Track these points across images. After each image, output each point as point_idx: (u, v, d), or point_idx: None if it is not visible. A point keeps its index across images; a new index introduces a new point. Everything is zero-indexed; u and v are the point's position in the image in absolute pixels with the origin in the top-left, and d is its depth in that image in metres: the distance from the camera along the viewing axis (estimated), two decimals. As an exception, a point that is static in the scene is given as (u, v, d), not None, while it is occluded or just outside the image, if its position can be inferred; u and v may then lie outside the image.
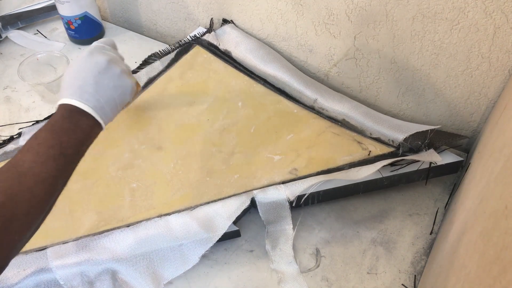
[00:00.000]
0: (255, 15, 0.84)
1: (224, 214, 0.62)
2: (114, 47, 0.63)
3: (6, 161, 0.70)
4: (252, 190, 0.64)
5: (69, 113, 0.52)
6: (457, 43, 0.65)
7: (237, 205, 0.62)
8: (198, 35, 0.89)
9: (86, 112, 0.52)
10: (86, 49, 0.58)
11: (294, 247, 0.63)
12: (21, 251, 0.59)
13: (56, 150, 0.48)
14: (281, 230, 0.64)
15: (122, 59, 0.62)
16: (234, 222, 0.62)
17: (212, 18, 0.90)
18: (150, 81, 0.82)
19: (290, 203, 0.63)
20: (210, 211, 0.62)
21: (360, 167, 0.65)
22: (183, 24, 0.96)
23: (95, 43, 0.60)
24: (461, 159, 0.67)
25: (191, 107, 0.77)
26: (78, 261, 0.58)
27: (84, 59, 0.56)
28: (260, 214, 0.63)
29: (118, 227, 0.62)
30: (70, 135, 0.50)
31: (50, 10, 1.00)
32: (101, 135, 0.74)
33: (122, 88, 0.57)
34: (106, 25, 1.00)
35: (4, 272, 0.57)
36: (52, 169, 0.47)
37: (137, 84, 0.65)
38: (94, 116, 0.53)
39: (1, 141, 0.74)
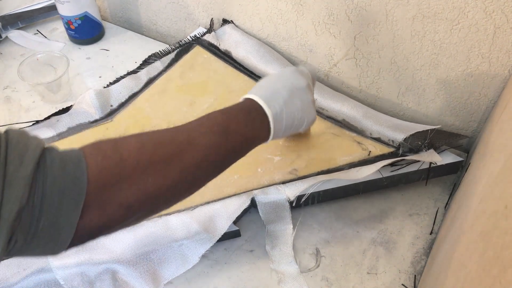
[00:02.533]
0: (255, 15, 0.84)
1: (224, 214, 0.62)
2: (314, 81, 0.62)
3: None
4: (252, 190, 0.64)
5: (249, 108, 0.52)
6: (457, 43, 0.65)
7: (237, 205, 0.62)
8: (198, 35, 0.89)
9: (265, 116, 0.52)
10: (293, 66, 0.58)
11: (294, 247, 0.63)
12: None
13: (220, 128, 0.47)
14: (281, 230, 0.64)
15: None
16: (234, 222, 0.62)
17: (212, 18, 0.90)
18: (150, 81, 0.82)
19: (290, 203, 0.63)
20: (210, 211, 0.62)
21: (360, 167, 0.65)
22: (183, 24, 0.96)
23: (305, 67, 0.60)
24: (461, 159, 0.67)
25: (191, 107, 0.77)
26: (78, 261, 0.58)
27: (290, 71, 0.57)
28: (260, 214, 0.63)
29: (118, 227, 0.62)
30: (239, 125, 0.49)
31: (50, 10, 1.00)
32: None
33: (306, 114, 0.56)
34: (106, 25, 1.00)
35: (4, 272, 0.57)
36: (208, 141, 0.46)
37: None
38: (270, 122, 0.52)
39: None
